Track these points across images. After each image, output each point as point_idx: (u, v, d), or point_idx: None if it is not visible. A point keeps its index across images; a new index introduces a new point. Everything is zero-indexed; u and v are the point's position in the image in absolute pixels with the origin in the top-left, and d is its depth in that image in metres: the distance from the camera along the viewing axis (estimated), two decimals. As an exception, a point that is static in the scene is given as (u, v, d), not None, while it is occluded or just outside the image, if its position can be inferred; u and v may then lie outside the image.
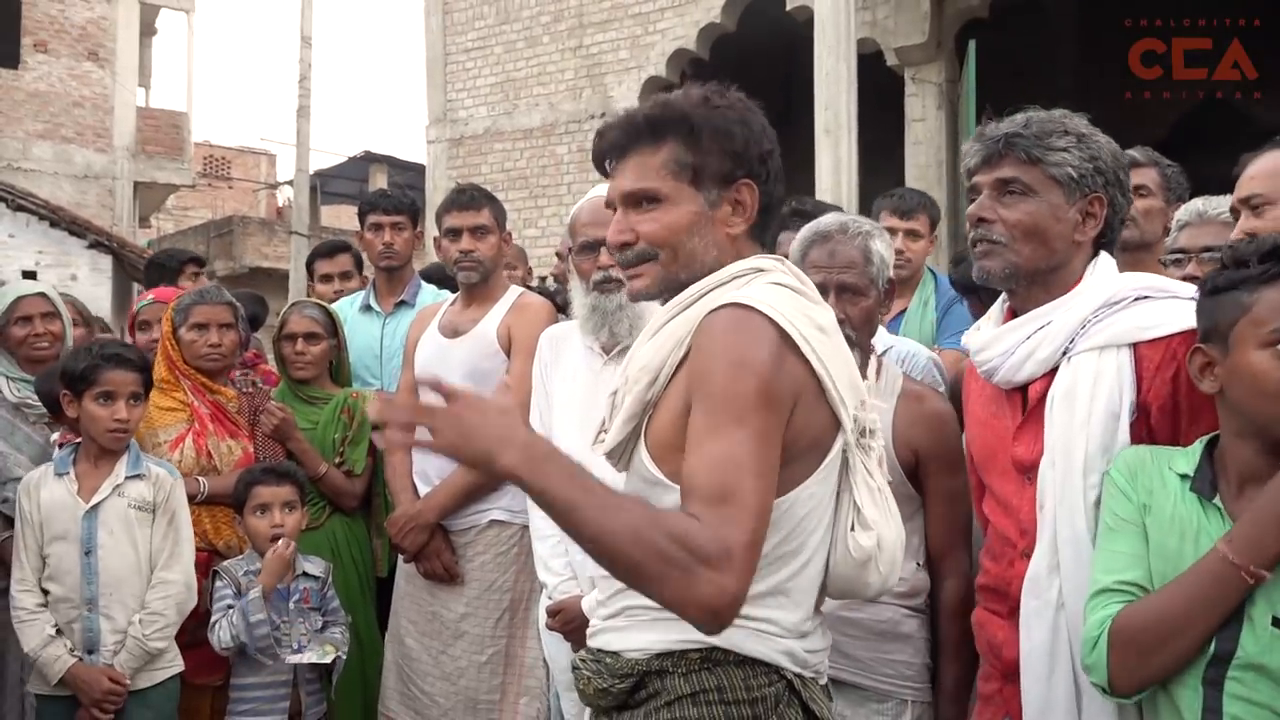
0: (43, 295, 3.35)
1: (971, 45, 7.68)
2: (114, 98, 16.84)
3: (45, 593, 2.77)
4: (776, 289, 1.48)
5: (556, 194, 10.48)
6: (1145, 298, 1.70)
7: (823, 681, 1.56)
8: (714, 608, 1.29)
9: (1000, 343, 1.79)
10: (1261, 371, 1.47)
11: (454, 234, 3.08)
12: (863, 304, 2.13)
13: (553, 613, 2.50)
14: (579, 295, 2.55)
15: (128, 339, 3.53)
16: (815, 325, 1.47)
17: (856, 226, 2.19)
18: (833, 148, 6.66)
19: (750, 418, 1.36)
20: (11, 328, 3.25)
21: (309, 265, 4.36)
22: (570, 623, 2.44)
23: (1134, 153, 2.86)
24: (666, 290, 1.56)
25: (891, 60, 8.77)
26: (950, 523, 2.15)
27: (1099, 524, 1.62)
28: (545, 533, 2.58)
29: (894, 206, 3.44)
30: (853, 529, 1.53)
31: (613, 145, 1.58)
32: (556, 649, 2.58)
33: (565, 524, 1.33)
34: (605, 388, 2.38)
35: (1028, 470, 1.74)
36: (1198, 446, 1.58)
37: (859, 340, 2.09)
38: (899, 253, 3.41)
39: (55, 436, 3.13)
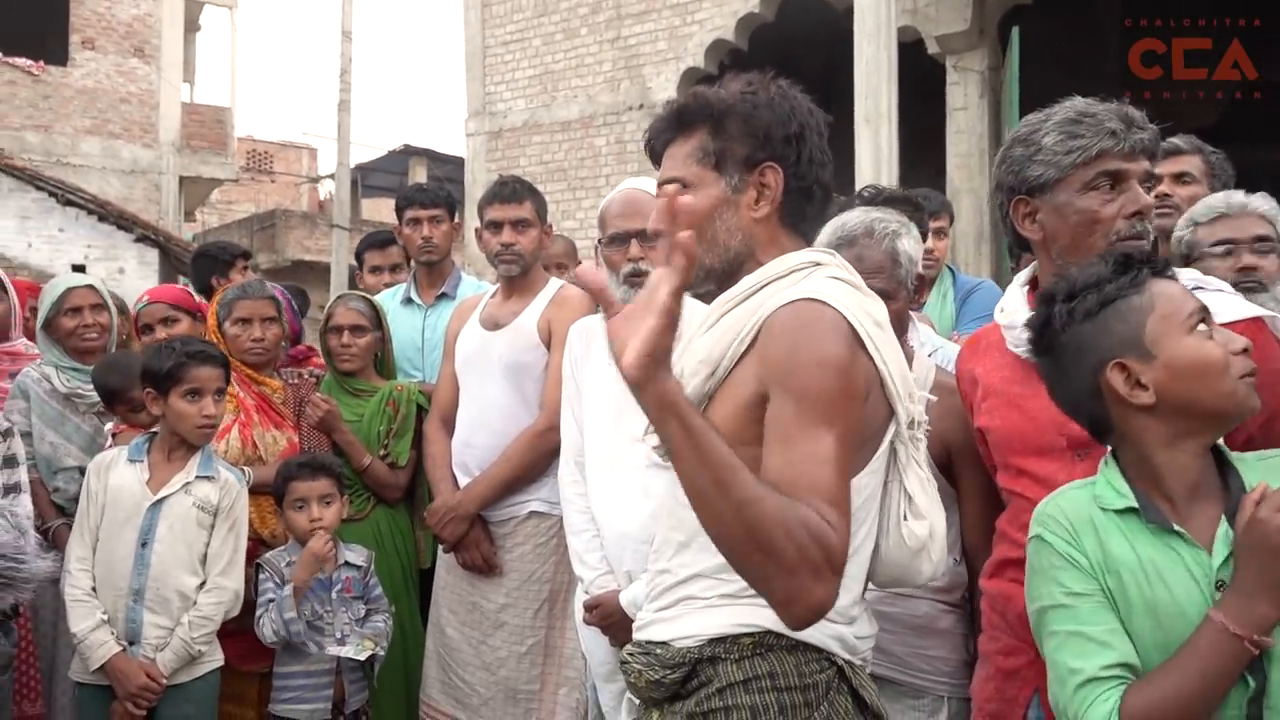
0: (91, 287, 3.42)
1: (1015, 32, 7.57)
2: (159, 94, 17.10)
3: (92, 576, 2.79)
4: (837, 283, 1.48)
5: (595, 186, 10.49)
6: (1198, 288, 1.68)
7: (868, 669, 1.56)
8: (818, 610, 1.28)
9: None
10: (1201, 355, 1.43)
11: (495, 226, 3.10)
12: (892, 307, 2.07)
13: (590, 607, 2.51)
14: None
15: (134, 342, 3.57)
16: (873, 320, 1.47)
17: (884, 228, 2.14)
18: (872, 137, 6.61)
19: (838, 418, 1.36)
20: (61, 319, 3.31)
21: (359, 256, 4.35)
22: (608, 617, 2.44)
23: (1177, 140, 2.82)
24: (695, 277, 1.55)
25: (933, 48, 8.68)
26: (987, 517, 2.13)
27: (1042, 599, 1.48)
28: (579, 527, 2.58)
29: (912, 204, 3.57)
30: (905, 518, 1.54)
31: (656, 137, 1.62)
32: (593, 642, 2.59)
33: (710, 486, 1.25)
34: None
35: (1080, 447, 1.71)
36: (1112, 475, 1.50)
37: None
38: (927, 252, 3.44)
39: (109, 427, 3.19)
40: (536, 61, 11.15)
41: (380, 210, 21.62)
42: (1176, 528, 1.44)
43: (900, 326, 2.15)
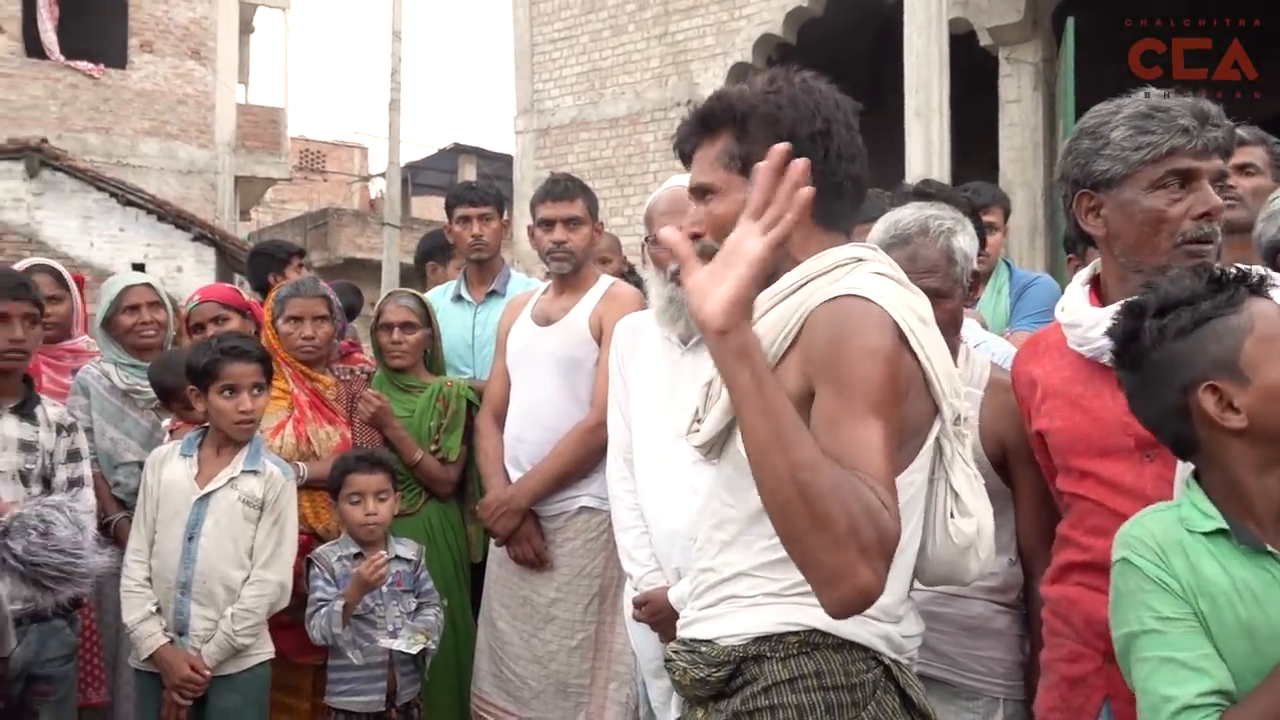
0: (148, 285, 3.49)
1: (1070, 23, 7.44)
2: (215, 95, 17.42)
3: (148, 567, 2.86)
4: (880, 279, 1.47)
5: (643, 183, 10.49)
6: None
7: (915, 669, 1.55)
8: (864, 594, 1.23)
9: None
10: None
11: (547, 224, 3.11)
12: (947, 306, 2.06)
13: (639, 604, 2.51)
14: (655, 285, 2.55)
15: (185, 340, 3.62)
16: (917, 316, 1.46)
17: (938, 225, 2.09)
18: (923, 131, 6.54)
19: (884, 407, 1.35)
20: (120, 316, 3.38)
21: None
22: (658, 614, 2.45)
23: (1241, 131, 2.74)
24: None
25: (985, 40, 8.55)
26: (1044, 518, 2.09)
27: (1131, 625, 1.43)
28: (628, 524, 2.59)
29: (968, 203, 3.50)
30: (951, 516, 1.52)
31: (684, 141, 1.62)
32: (642, 638, 2.60)
33: (773, 443, 1.24)
34: (684, 378, 2.40)
35: (1148, 448, 1.68)
36: (1197, 498, 1.46)
37: (945, 340, 2.04)
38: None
39: (166, 423, 3.25)
40: (584, 59, 11.18)
41: (430, 208, 21.82)
42: (1270, 549, 1.40)
43: (955, 324, 2.12)
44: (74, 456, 2.90)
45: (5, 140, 12.63)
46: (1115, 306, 1.69)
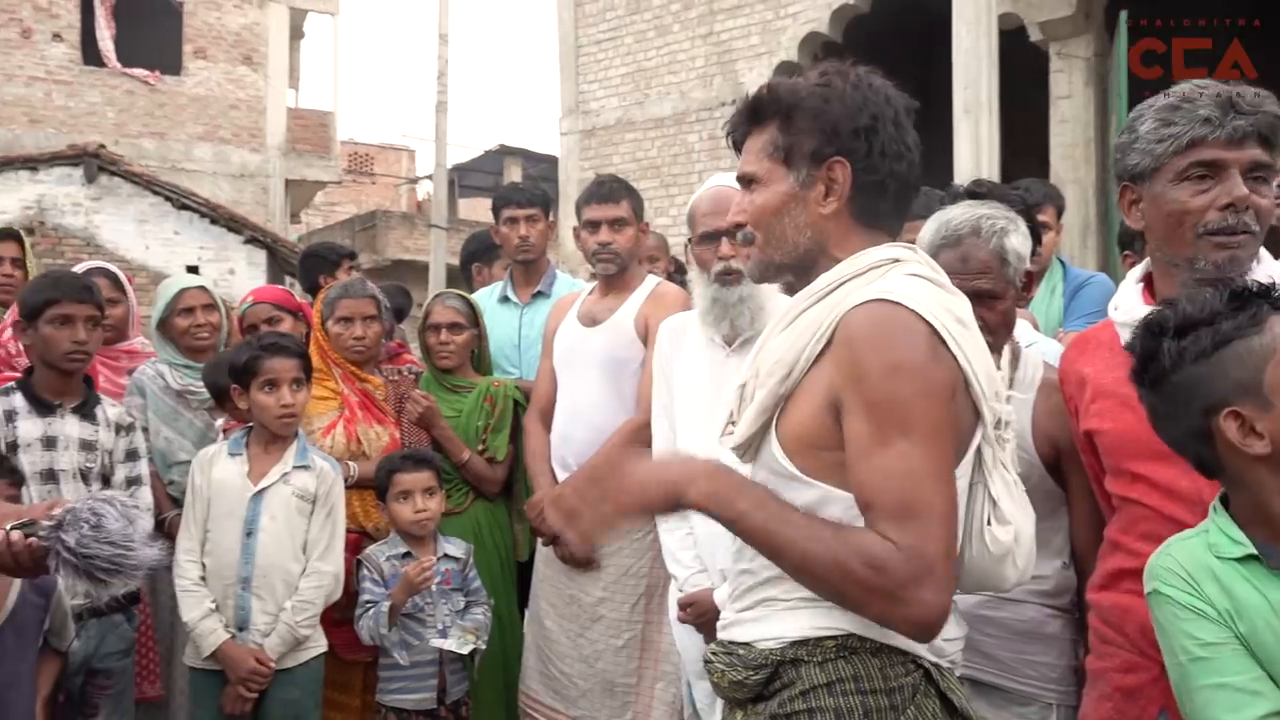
0: (203, 288, 3.55)
1: (1122, 17, 7.31)
2: (266, 100, 17.71)
3: (201, 565, 2.92)
4: (916, 280, 1.45)
5: (688, 183, 10.48)
6: None
7: (957, 672, 1.53)
8: (922, 624, 1.33)
9: None
10: None
11: (593, 226, 3.13)
12: (1000, 307, 2.02)
13: (684, 605, 2.51)
14: (699, 286, 2.55)
15: (237, 340, 3.67)
16: (955, 318, 1.43)
17: (991, 225, 2.04)
18: (972, 128, 6.47)
19: (916, 422, 1.34)
20: (175, 319, 3.44)
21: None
22: (703, 615, 2.44)
23: None
24: (766, 272, 1.59)
25: (1035, 35, 8.42)
26: (1099, 520, 2.05)
27: (1177, 655, 1.40)
28: (672, 525, 2.58)
29: (1022, 201, 3.40)
30: (989, 523, 1.50)
31: (733, 130, 1.63)
32: (687, 639, 2.60)
33: (764, 548, 1.40)
34: (728, 380, 2.38)
35: None
36: (1224, 523, 1.43)
37: (997, 343, 2.00)
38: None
39: (220, 423, 3.31)
40: (629, 59, 11.20)
41: (477, 209, 21.98)
42: None
43: (1008, 326, 2.08)
44: (132, 455, 2.97)
45: (65, 147, 12.95)
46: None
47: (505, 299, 3.87)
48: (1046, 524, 1.81)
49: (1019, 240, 2.07)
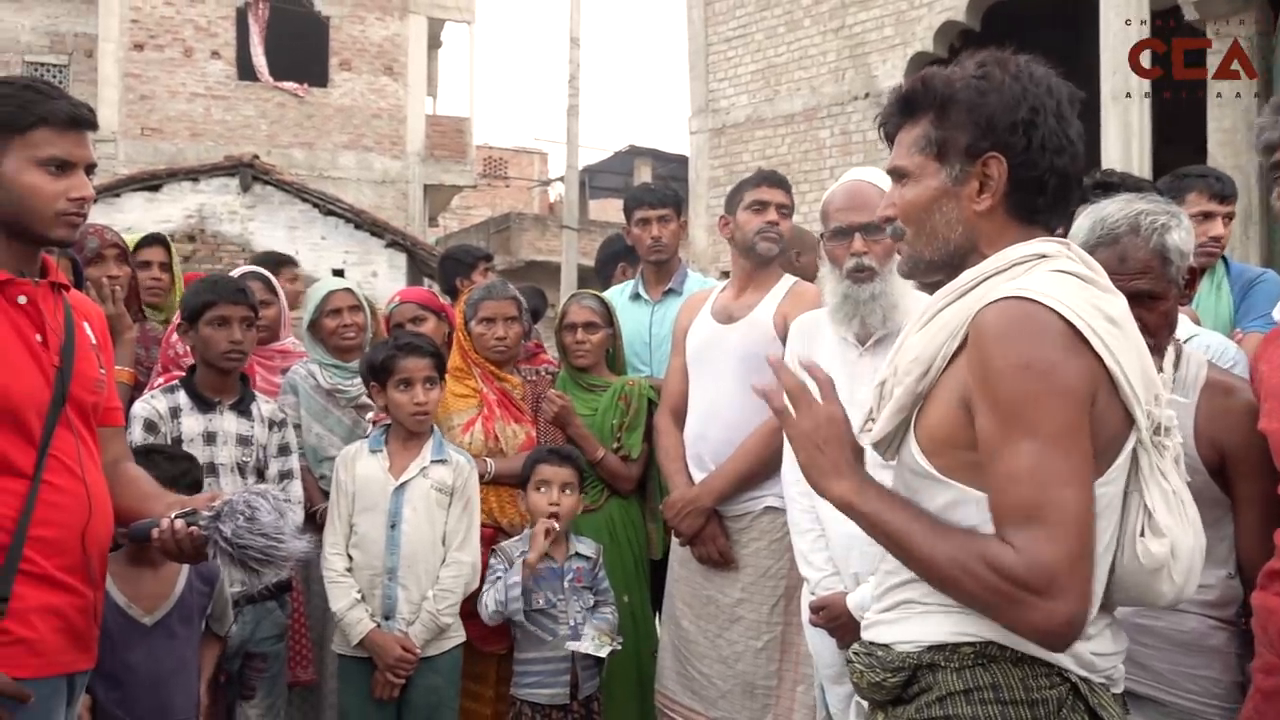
0: (349, 290, 3.70)
1: (1288, -9, 6.87)
2: (407, 108, 18.36)
3: (348, 557, 3.04)
4: (1061, 277, 1.39)
5: (819, 179, 10.35)
6: None
7: (1116, 690, 1.45)
8: (1049, 632, 1.31)
9: None
10: None
11: (760, 205, 3.14)
12: (1161, 308, 1.91)
13: (816, 609, 2.48)
14: (831, 282, 2.51)
15: (382, 338, 3.79)
16: (1105, 316, 1.37)
17: (1150, 222, 1.91)
18: (1121, 115, 6.19)
19: (1044, 424, 1.30)
20: (324, 320, 3.59)
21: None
22: (835, 619, 2.41)
23: None
24: (915, 268, 1.54)
25: (1190, 15, 7.97)
26: (1266, 529, 1.92)
27: None
28: (804, 527, 2.55)
29: (1212, 190, 3.19)
30: (1142, 534, 1.42)
31: (885, 123, 1.59)
32: (820, 643, 2.57)
33: (897, 551, 1.41)
34: (861, 379, 2.35)
35: None
36: None
37: (1158, 345, 1.89)
38: (1215, 239, 3.14)
39: (370, 415, 3.43)
40: (759, 56, 11.13)
41: (607, 210, 22.22)
42: None
43: (1170, 326, 1.97)
44: (284, 450, 3.12)
45: (222, 158, 13.72)
46: None
47: (637, 296, 3.89)
48: (1210, 532, 1.71)
49: (1181, 236, 1.94)
